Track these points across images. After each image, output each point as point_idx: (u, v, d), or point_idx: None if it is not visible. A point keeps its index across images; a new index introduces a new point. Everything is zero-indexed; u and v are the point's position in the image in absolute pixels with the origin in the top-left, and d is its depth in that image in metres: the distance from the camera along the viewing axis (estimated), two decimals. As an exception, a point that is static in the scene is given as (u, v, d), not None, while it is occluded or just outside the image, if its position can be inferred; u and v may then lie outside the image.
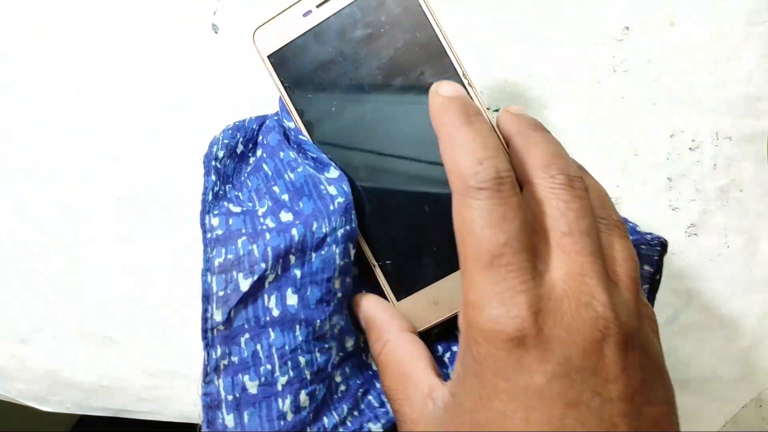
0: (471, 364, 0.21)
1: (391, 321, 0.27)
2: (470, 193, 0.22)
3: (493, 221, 0.21)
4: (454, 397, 0.22)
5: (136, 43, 0.38)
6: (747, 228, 0.38)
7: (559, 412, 0.20)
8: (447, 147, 0.23)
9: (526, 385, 0.20)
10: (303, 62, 0.30)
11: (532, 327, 0.20)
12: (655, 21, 0.38)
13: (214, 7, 0.39)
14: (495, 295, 0.21)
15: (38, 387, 0.37)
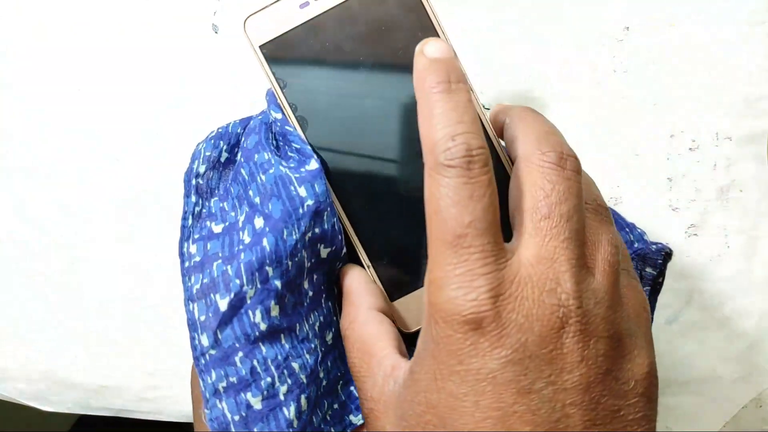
0: (429, 343, 0.21)
1: (363, 297, 0.27)
2: (439, 169, 0.21)
3: (460, 200, 0.21)
4: (412, 375, 0.22)
5: (136, 43, 0.38)
6: (747, 228, 0.38)
7: (509, 398, 0.20)
8: (423, 117, 0.22)
9: (478, 369, 0.20)
10: (297, 55, 0.29)
11: (490, 311, 0.20)
12: (655, 21, 0.38)
13: (214, 7, 0.39)
14: (455, 276, 0.20)
15: (39, 387, 0.37)
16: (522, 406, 0.20)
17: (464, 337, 0.20)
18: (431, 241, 0.21)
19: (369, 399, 0.23)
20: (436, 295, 0.21)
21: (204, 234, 0.28)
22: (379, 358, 0.24)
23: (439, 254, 0.21)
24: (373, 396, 0.23)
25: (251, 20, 0.29)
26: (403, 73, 0.28)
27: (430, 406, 0.21)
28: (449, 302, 0.20)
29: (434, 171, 0.21)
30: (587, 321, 0.21)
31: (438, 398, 0.20)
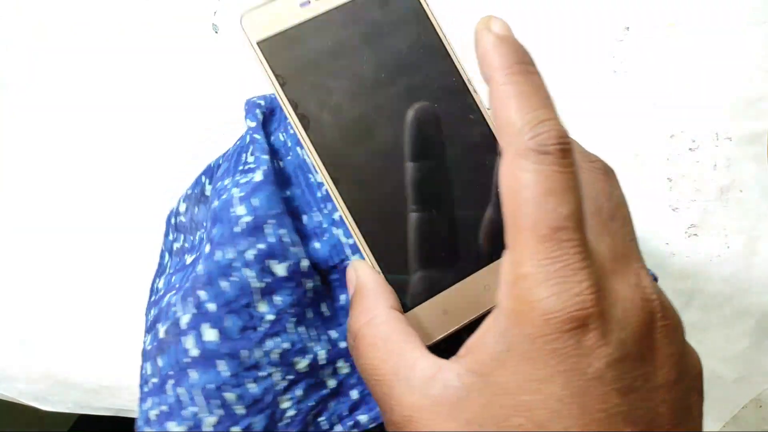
0: (519, 344, 0.19)
1: (380, 295, 0.24)
2: (530, 155, 0.20)
3: (556, 190, 0.20)
4: (486, 378, 0.20)
5: (136, 43, 0.38)
6: (747, 228, 0.38)
7: (614, 399, 0.19)
8: (501, 98, 0.21)
9: (584, 370, 0.19)
10: (297, 53, 0.27)
11: (594, 308, 0.19)
12: (655, 21, 0.38)
13: (214, 7, 0.39)
14: (555, 271, 0.19)
15: (39, 387, 0.37)
16: (624, 406, 0.19)
17: (567, 336, 0.19)
18: (518, 233, 0.20)
19: (404, 405, 0.21)
20: (530, 292, 0.19)
21: (177, 267, 0.28)
22: (410, 360, 0.22)
23: (530, 247, 0.19)
24: (410, 402, 0.21)
25: (248, 16, 0.28)
26: (406, 74, 0.28)
27: (524, 410, 0.19)
28: (549, 300, 0.19)
29: (522, 158, 0.20)
30: (669, 316, 0.21)
31: (535, 401, 0.19)
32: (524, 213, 0.20)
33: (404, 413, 0.21)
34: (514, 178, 0.20)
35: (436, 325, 0.26)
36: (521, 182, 0.20)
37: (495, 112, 0.21)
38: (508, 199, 0.20)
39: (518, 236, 0.20)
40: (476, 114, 0.27)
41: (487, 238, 0.26)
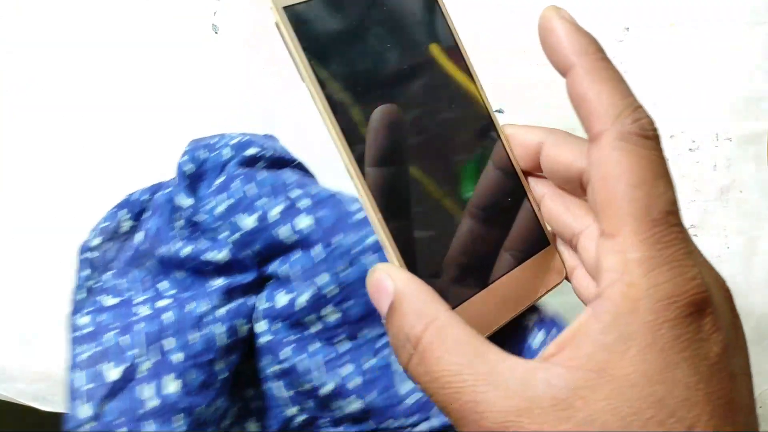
0: (636, 333, 0.18)
1: (430, 297, 0.22)
2: (632, 139, 0.19)
3: (664, 174, 0.19)
4: (601, 374, 0.18)
5: (136, 42, 0.38)
6: (747, 228, 0.38)
7: (728, 384, 0.19)
8: (593, 81, 0.21)
9: (705, 355, 0.18)
10: (324, 25, 0.25)
11: (708, 292, 0.19)
12: (655, 21, 0.38)
13: (214, 7, 0.39)
14: (669, 255, 0.19)
15: (39, 387, 0.37)
16: (734, 393, 0.19)
17: (688, 321, 0.18)
18: (624, 217, 0.19)
19: (499, 411, 0.19)
20: (645, 279, 0.18)
21: (97, 307, 0.27)
22: (492, 360, 0.20)
23: (644, 231, 0.19)
24: (507, 407, 0.19)
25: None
26: (434, 72, 0.26)
27: (653, 400, 0.18)
28: (668, 285, 0.18)
29: (626, 140, 0.19)
30: (733, 301, 0.21)
31: (663, 390, 0.18)
32: (633, 196, 0.19)
33: (500, 419, 0.19)
34: (617, 162, 0.19)
35: (493, 315, 0.25)
36: (625, 166, 0.19)
37: (585, 95, 0.21)
38: (609, 183, 0.20)
39: (626, 221, 0.19)
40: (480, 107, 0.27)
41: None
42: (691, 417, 0.18)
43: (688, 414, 0.18)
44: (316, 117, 0.23)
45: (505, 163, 0.26)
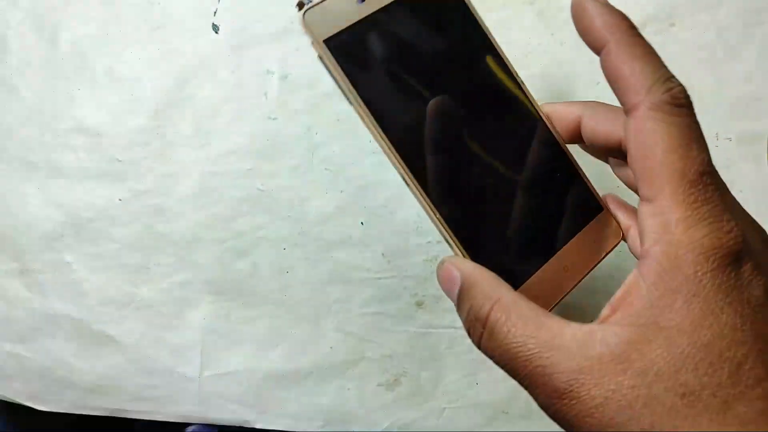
0: (681, 286, 0.20)
1: (494, 279, 0.24)
2: (666, 108, 0.21)
3: (698, 138, 0.21)
4: (653, 327, 0.20)
5: (136, 42, 0.38)
6: (747, 229, 0.38)
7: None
8: (626, 56, 0.22)
9: (749, 299, 0.20)
10: (363, 51, 0.27)
11: (745, 243, 0.20)
12: (655, 21, 0.38)
13: (214, 7, 0.39)
14: (707, 211, 0.20)
15: (36, 386, 0.37)
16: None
17: (729, 270, 0.20)
18: (661, 181, 0.21)
19: (565, 372, 0.21)
20: (686, 235, 0.20)
21: None
22: (555, 328, 0.22)
23: (681, 192, 0.21)
24: (571, 367, 0.21)
25: (310, 14, 0.27)
26: (473, 65, 0.28)
27: (702, 345, 0.20)
28: (707, 238, 0.20)
29: (658, 110, 0.21)
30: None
31: (712, 334, 0.20)
32: (669, 161, 0.21)
33: (566, 379, 0.21)
34: (652, 132, 0.21)
35: (556, 285, 0.27)
36: (660, 134, 0.21)
37: (619, 71, 0.22)
38: (645, 152, 0.21)
39: (662, 186, 0.21)
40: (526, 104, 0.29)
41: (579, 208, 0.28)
42: (740, 356, 0.20)
43: (736, 353, 0.20)
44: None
45: (550, 139, 0.29)
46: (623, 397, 0.20)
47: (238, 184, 0.37)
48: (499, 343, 0.23)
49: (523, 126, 0.29)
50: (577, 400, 0.21)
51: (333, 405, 0.37)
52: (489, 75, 0.29)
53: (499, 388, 0.37)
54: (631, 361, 0.20)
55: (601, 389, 0.21)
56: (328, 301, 0.37)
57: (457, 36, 0.29)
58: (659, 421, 0.20)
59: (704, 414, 0.20)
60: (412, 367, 0.37)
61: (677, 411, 0.20)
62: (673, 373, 0.20)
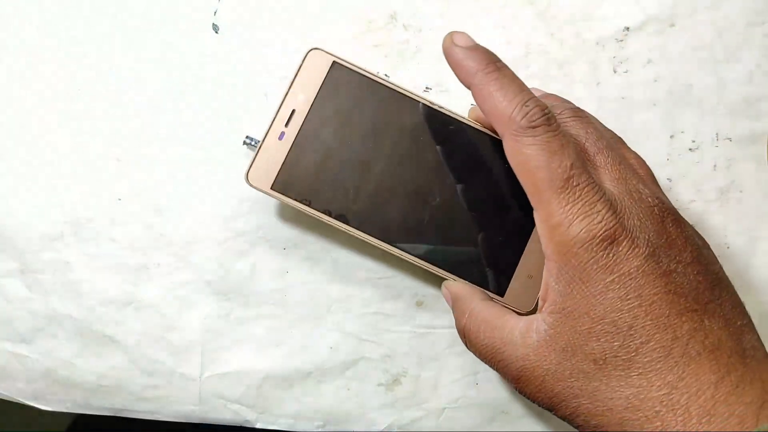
0: (573, 275, 0.24)
1: (471, 294, 0.31)
2: (525, 132, 0.25)
3: (555, 150, 0.25)
4: (562, 313, 0.25)
5: (136, 42, 0.38)
6: (747, 229, 0.38)
7: (661, 282, 0.24)
8: (485, 96, 0.26)
9: (629, 271, 0.24)
10: (304, 174, 0.33)
11: (618, 224, 0.24)
12: (655, 21, 0.38)
13: (214, 7, 0.39)
14: (578, 209, 0.24)
15: (38, 386, 0.37)
16: (671, 285, 0.24)
17: (606, 253, 0.24)
18: (539, 194, 0.25)
19: (515, 360, 0.26)
20: (566, 233, 0.24)
21: None
22: (509, 327, 0.27)
23: (553, 200, 0.25)
24: (518, 355, 0.26)
25: (251, 175, 0.33)
26: (392, 139, 0.33)
27: (599, 319, 0.24)
28: (584, 231, 0.24)
29: (519, 135, 0.25)
30: (672, 210, 0.26)
31: (604, 309, 0.24)
32: (539, 177, 0.25)
33: (517, 366, 0.26)
34: (520, 154, 0.25)
35: (529, 292, 0.32)
36: (527, 156, 0.25)
37: (483, 106, 0.26)
38: (522, 172, 0.26)
39: (541, 196, 0.25)
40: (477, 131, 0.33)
41: (521, 214, 0.32)
42: (630, 319, 0.24)
43: (626, 318, 0.24)
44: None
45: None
46: (556, 372, 0.25)
47: (238, 183, 0.37)
48: (474, 346, 0.29)
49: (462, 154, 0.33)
50: (527, 382, 0.26)
51: (333, 405, 0.37)
52: (410, 128, 0.33)
53: (499, 388, 0.37)
54: (555, 342, 0.25)
55: (540, 369, 0.25)
56: (328, 301, 0.37)
57: (369, 113, 0.33)
58: (583, 386, 0.24)
59: (613, 373, 0.24)
60: (412, 367, 0.37)
61: (593, 375, 0.24)
62: (583, 346, 0.24)
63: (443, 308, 0.37)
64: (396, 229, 0.33)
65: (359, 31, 0.39)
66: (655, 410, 0.23)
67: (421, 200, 0.33)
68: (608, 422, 0.24)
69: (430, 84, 0.38)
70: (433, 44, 0.38)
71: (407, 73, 0.38)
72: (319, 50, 0.33)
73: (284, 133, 0.33)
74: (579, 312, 0.24)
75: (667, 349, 0.23)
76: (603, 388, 0.24)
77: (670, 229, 0.25)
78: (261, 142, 0.32)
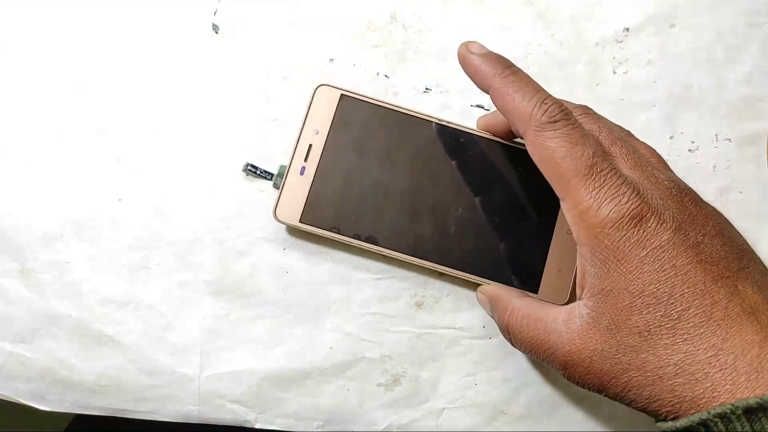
0: (607, 256, 0.26)
1: (508, 293, 0.32)
2: (546, 127, 0.26)
3: (578, 140, 0.26)
4: (602, 293, 0.26)
5: (136, 42, 0.38)
6: (747, 229, 0.38)
7: (691, 252, 0.25)
8: (506, 98, 0.28)
9: (660, 245, 0.25)
10: (329, 204, 0.35)
11: (644, 204, 0.25)
12: (655, 22, 0.38)
13: (214, 7, 0.39)
14: (605, 193, 0.25)
15: (37, 386, 0.37)
16: (701, 254, 0.25)
17: (637, 230, 0.25)
18: (567, 183, 0.26)
19: (561, 346, 0.27)
20: (597, 216, 0.26)
21: None
22: (550, 316, 0.28)
23: (581, 187, 0.26)
24: (563, 341, 0.27)
25: (279, 211, 0.35)
26: (414, 156, 0.35)
27: (638, 293, 0.25)
28: (613, 212, 0.25)
29: (541, 131, 0.27)
30: (689, 191, 0.28)
31: (643, 282, 0.25)
32: (564, 167, 0.26)
33: (564, 353, 0.27)
34: (544, 148, 0.27)
35: (561, 285, 0.34)
36: (550, 148, 0.26)
37: (504, 107, 0.28)
38: (547, 164, 0.27)
39: (568, 185, 0.26)
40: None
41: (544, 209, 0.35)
42: (669, 289, 0.25)
43: (665, 289, 0.25)
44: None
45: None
46: (603, 351, 0.26)
47: (238, 183, 0.37)
48: (519, 341, 0.30)
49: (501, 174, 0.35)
50: (576, 366, 0.27)
51: (332, 405, 0.37)
52: (423, 147, 0.35)
53: (499, 388, 0.37)
54: (599, 323, 0.26)
55: (587, 351, 0.26)
56: (328, 301, 0.37)
57: (382, 138, 0.35)
58: (632, 360, 0.25)
59: (659, 342, 0.25)
60: (411, 368, 0.37)
61: (640, 347, 0.25)
62: (626, 321, 0.25)
63: (443, 309, 0.37)
64: (424, 243, 0.34)
65: (359, 31, 0.39)
66: (704, 372, 0.24)
67: (444, 213, 0.34)
68: (660, 390, 0.25)
69: (430, 84, 0.38)
70: (433, 44, 0.38)
71: (407, 73, 0.38)
72: (327, 86, 0.35)
73: (305, 168, 0.34)
74: (618, 289, 0.25)
75: (708, 314, 0.24)
76: (651, 359, 0.25)
77: (690, 207, 0.27)
78: (284, 180, 0.35)
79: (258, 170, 0.36)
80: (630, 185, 0.26)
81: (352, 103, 0.35)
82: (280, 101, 0.38)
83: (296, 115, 0.37)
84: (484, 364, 0.37)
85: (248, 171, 0.36)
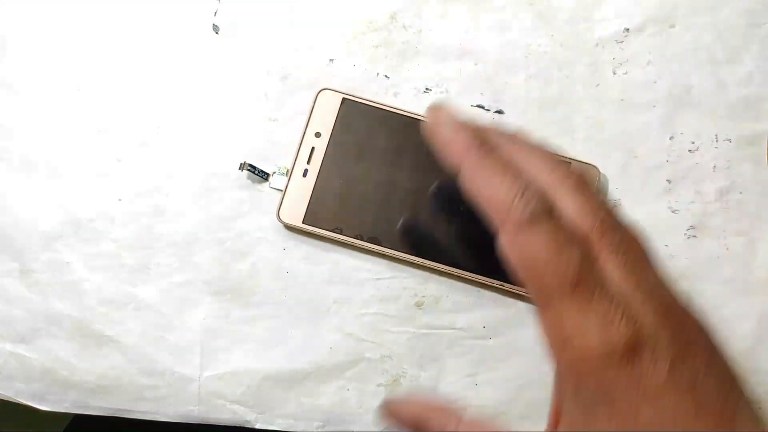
0: (595, 397, 0.21)
1: (449, 414, 0.25)
2: (524, 227, 0.21)
3: (561, 247, 0.21)
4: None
5: (136, 42, 0.38)
6: (746, 230, 0.38)
7: (688, 398, 0.20)
8: (477, 182, 0.23)
9: (657, 387, 0.20)
10: (332, 205, 0.35)
11: (635, 334, 0.20)
12: (655, 23, 0.38)
13: (214, 7, 0.39)
14: (592, 319, 0.20)
15: (37, 386, 0.37)
16: (698, 398, 0.20)
17: (630, 368, 0.20)
18: (547, 298, 0.21)
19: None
20: (581, 348, 0.20)
21: None
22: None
23: (563, 308, 0.21)
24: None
25: (282, 212, 0.35)
26: (418, 160, 0.35)
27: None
28: (601, 346, 0.20)
29: (519, 230, 0.21)
30: (677, 299, 0.22)
31: (648, 418, 0.20)
32: (546, 279, 0.21)
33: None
34: (521, 254, 0.22)
35: None
36: (529, 255, 0.21)
37: (477, 193, 0.23)
38: (526, 272, 0.22)
39: (548, 300, 0.21)
40: None
41: None
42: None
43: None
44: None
45: None
46: None
47: (238, 184, 0.37)
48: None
49: None
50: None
51: (332, 405, 0.37)
52: (422, 147, 0.32)
53: (499, 388, 0.37)
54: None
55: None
56: (328, 301, 0.37)
57: (383, 139, 0.35)
58: None
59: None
60: (411, 368, 0.37)
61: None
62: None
63: (443, 309, 0.37)
64: (427, 242, 0.34)
65: (359, 31, 0.39)
66: None
67: (445, 212, 0.34)
68: None
69: (430, 85, 0.38)
70: (433, 45, 0.38)
71: (407, 73, 0.38)
72: (329, 90, 0.36)
73: (307, 170, 0.35)
74: (613, 425, 0.21)
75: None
76: None
77: (680, 327, 0.22)
78: (287, 182, 0.35)
79: (255, 170, 0.36)
80: (620, 306, 0.21)
81: (354, 106, 0.36)
82: (280, 101, 0.38)
83: (296, 114, 0.37)
84: (484, 364, 0.37)
85: (246, 170, 0.36)
